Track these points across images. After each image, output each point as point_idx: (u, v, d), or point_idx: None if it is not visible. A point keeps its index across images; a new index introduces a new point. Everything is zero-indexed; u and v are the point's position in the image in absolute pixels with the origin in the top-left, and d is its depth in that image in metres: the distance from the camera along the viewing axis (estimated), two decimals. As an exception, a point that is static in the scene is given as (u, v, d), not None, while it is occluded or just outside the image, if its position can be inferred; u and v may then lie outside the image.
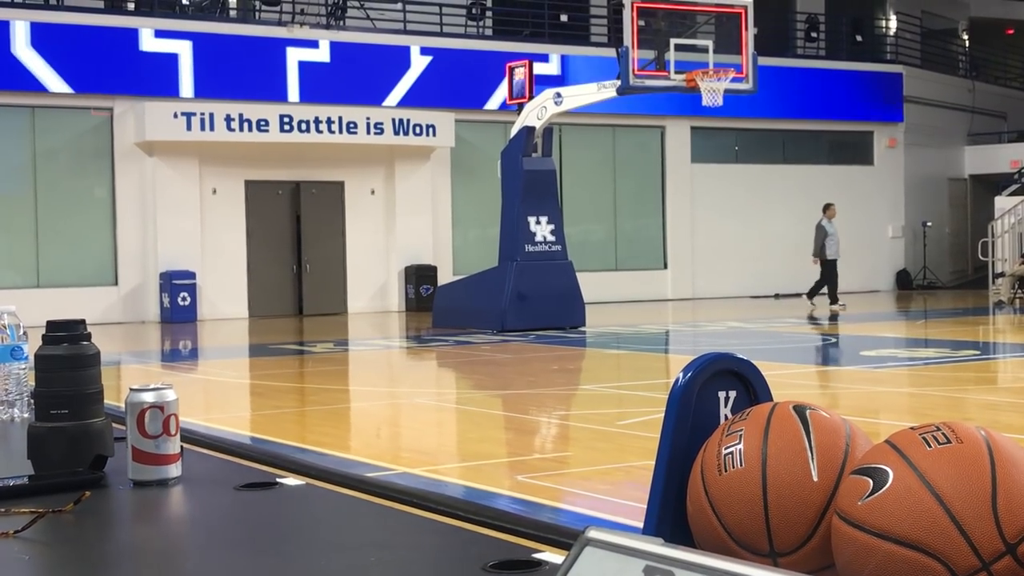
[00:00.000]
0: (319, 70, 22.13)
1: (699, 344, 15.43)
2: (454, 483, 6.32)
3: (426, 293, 22.03)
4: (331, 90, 22.13)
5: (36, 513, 1.72)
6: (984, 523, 1.24)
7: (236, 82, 21.40)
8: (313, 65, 22.08)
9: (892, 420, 8.34)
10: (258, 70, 21.62)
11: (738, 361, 1.55)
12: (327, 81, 22.14)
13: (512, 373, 12.38)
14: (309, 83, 22.03)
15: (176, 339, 17.79)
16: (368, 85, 22.48)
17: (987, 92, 31.45)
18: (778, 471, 1.39)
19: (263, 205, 21.89)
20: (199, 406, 9.79)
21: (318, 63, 22.13)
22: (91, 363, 2.11)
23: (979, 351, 14.55)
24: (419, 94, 22.81)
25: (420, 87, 22.87)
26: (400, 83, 22.76)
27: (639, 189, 25.65)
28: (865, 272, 27.86)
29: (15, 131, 20.28)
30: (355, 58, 22.41)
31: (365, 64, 22.49)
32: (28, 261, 20.29)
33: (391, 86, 22.69)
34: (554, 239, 17.40)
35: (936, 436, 1.31)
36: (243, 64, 21.49)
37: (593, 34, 26.53)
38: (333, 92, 22.12)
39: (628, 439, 7.81)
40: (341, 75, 22.26)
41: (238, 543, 1.68)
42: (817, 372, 11.47)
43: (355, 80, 22.37)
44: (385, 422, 9.31)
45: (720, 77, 16.73)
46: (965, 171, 30.50)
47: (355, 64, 22.40)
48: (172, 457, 2.01)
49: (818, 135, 27.81)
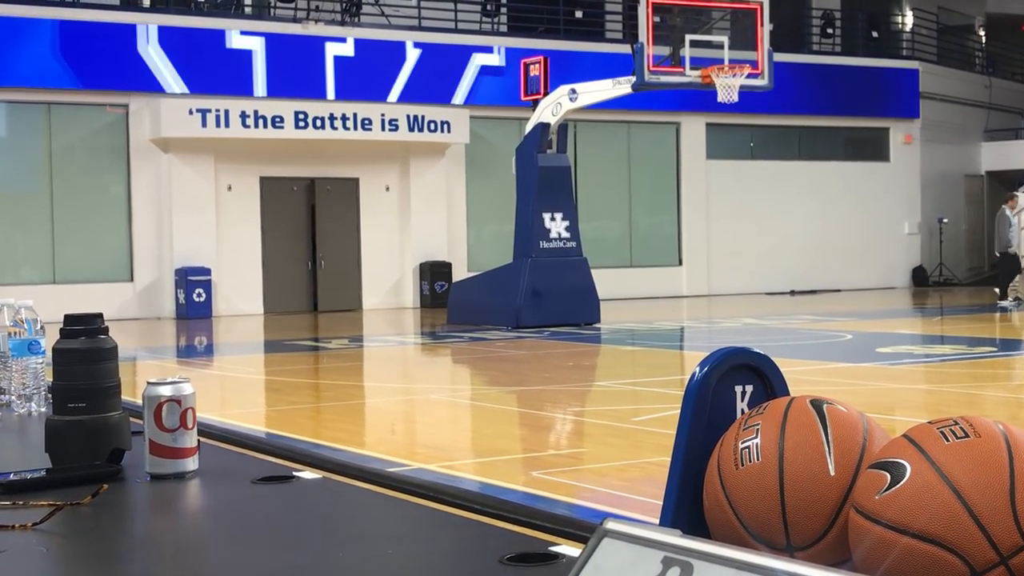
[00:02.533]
0: (338, 66, 22.15)
1: (714, 340, 15.41)
2: (469, 479, 6.33)
3: (441, 289, 22.04)
4: (346, 87, 22.16)
5: (54, 506, 1.73)
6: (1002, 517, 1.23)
7: (250, 79, 21.43)
8: (328, 62, 22.10)
9: (908, 416, 8.31)
10: (273, 67, 21.64)
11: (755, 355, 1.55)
12: (342, 78, 22.16)
13: (527, 369, 12.39)
14: (324, 80, 22.06)
15: (191, 335, 17.84)
16: (383, 81, 22.51)
17: (1004, 88, 31.34)
18: (795, 465, 1.39)
19: (278, 201, 21.93)
20: (215, 402, 9.81)
21: (338, 59, 22.15)
22: (109, 357, 2.12)
23: (996, 347, 14.51)
24: (433, 90, 22.82)
25: (434, 83, 22.88)
26: (415, 79, 22.77)
27: (654, 186, 25.63)
28: (881, 269, 27.79)
29: (31, 128, 20.36)
30: (371, 55, 22.43)
31: (380, 61, 22.51)
32: (44, 257, 20.37)
33: (406, 82, 22.70)
34: (569, 236, 17.39)
35: (954, 430, 1.30)
36: (258, 61, 21.52)
37: (608, 30, 26.50)
38: (348, 89, 22.15)
39: (643, 435, 7.81)
40: (355, 72, 22.28)
41: (255, 536, 1.69)
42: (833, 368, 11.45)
43: (369, 77, 22.40)
44: (400, 418, 9.32)
45: (735, 73, 16.70)
46: (982, 167, 30.40)
47: (370, 61, 22.42)
48: (189, 451, 2.02)
49: (834, 131, 27.74)
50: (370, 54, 22.45)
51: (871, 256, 27.62)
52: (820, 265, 26.91)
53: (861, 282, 27.31)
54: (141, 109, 20.75)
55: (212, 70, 21.15)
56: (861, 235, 27.51)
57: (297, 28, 21.99)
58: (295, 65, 21.81)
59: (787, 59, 24.27)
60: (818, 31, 28.66)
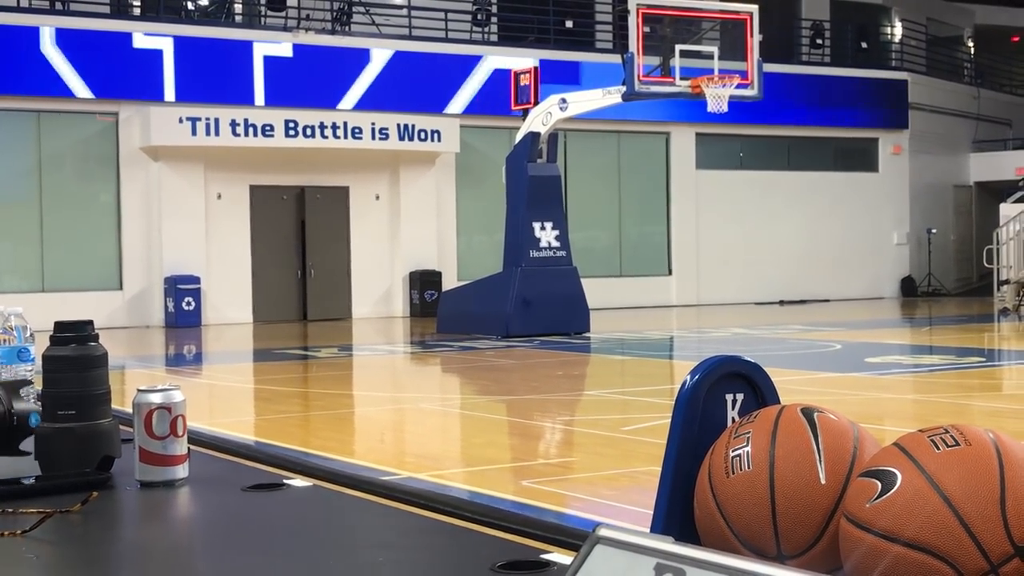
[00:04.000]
0: (324, 76, 22.14)
1: (704, 350, 15.42)
2: (459, 487, 6.32)
3: (431, 298, 22.03)
4: (336, 96, 22.15)
5: (44, 513, 1.72)
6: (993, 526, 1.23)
7: (240, 87, 21.42)
8: (319, 71, 22.09)
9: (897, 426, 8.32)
10: (263, 75, 21.63)
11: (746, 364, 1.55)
12: (332, 87, 22.16)
13: (517, 379, 12.38)
14: (314, 89, 22.05)
15: (181, 343, 17.80)
16: (373, 90, 22.50)
17: (992, 99, 31.45)
18: (786, 473, 1.39)
19: (268, 210, 21.91)
20: (204, 410, 9.79)
21: (328, 68, 22.12)
22: (99, 364, 2.11)
23: (984, 358, 14.53)
24: (423, 99, 22.83)
25: (425, 92, 22.89)
26: (405, 88, 22.77)
27: (644, 195, 25.66)
28: (870, 279, 27.85)
29: (21, 135, 20.32)
30: (362, 64, 22.43)
31: (371, 70, 22.50)
32: (33, 265, 20.32)
33: (396, 91, 22.70)
34: (559, 245, 17.41)
35: (944, 438, 1.31)
36: (247, 69, 21.51)
37: (599, 40, 26.55)
38: (338, 98, 22.14)
39: (633, 445, 7.81)
40: (347, 81, 22.28)
41: (246, 544, 1.68)
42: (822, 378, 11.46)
43: (361, 85, 22.39)
44: (389, 427, 9.31)
45: (725, 83, 16.74)
46: (970, 178, 30.49)
47: (361, 70, 22.40)
48: (179, 458, 2.01)
49: (823, 142, 27.81)
50: (361, 63, 22.44)
51: (860, 266, 27.69)
52: (809, 275, 26.96)
53: (850, 292, 27.37)
54: (131, 117, 20.73)
55: (206, 77, 21.12)
56: (850, 245, 27.57)
57: (287, 36, 21.98)
58: (285, 73, 21.79)
59: (776, 69, 24.32)
60: (807, 42, 28.74)
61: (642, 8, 16.78)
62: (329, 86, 22.16)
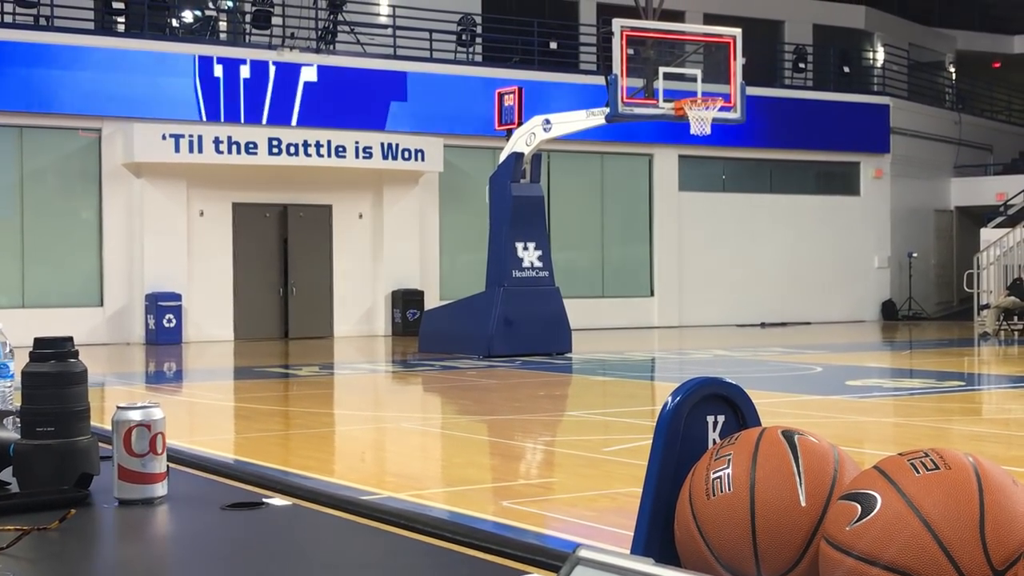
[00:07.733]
0: (308, 94, 22.16)
1: (685, 371, 15.43)
2: (440, 507, 6.30)
3: (413, 318, 22.00)
4: (320, 114, 22.16)
5: (21, 530, 1.71)
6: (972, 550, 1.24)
7: (224, 105, 21.41)
8: (303, 89, 22.11)
9: (877, 450, 8.34)
10: (248, 93, 21.63)
11: (727, 386, 1.55)
12: (316, 105, 22.17)
13: (498, 399, 12.37)
14: (298, 107, 22.06)
15: (161, 361, 17.73)
16: (357, 109, 22.52)
17: (973, 124, 31.65)
18: (766, 496, 1.39)
19: (250, 228, 21.87)
20: (184, 428, 9.75)
21: (309, 86, 22.15)
22: (78, 381, 2.10)
23: (964, 382, 14.58)
24: (408, 119, 22.85)
25: (409, 112, 22.92)
26: (389, 108, 22.80)
27: (626, 216, 25.71)
28: (851, 302, 27.93)
29: (3, 151, 20.25)
30: (344, 83, 22.45)
31: (354, 89, 22.53)
32: (14, 281, 20.23)
33: (380, 111, 22.73)
34: (541, 265, 17.42)
35: (924, 462, 1.31)
36: (233, 87, 21.50)
37: (583, 62, 26.64)
38: (322, 116, 22.15)
39: (614, 466, 7.80)
40: (330, 99, 22.30)
41: (224, 563, 1.67)
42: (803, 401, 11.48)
43: (344, 104, 22.41)
44: (370, 446, 9.28)
45: (708, 106, 16.80)
46: (951, 203, 30.65)
47: (344, 89, 22.44)
48: (158, 476, 2.00)
49: (805, 165, 27.93)
50: (344, 82, 22.46)
51: (841, 289, 27.77)
52: (791, 298, 27.03)
53: (831, 315, 27.45)
54: (114, 133, 20.68)
55: (190, 94, 21.10)
56: (831, 268, 27.67)
57: (272, 55, 21.99)
58: (268, 91, 21.79)
59: (759, 93, 24.45)
60: (790, 66, 28.89)
61: (626, 30, 16.85)
62: (313, 105, 22.16)
